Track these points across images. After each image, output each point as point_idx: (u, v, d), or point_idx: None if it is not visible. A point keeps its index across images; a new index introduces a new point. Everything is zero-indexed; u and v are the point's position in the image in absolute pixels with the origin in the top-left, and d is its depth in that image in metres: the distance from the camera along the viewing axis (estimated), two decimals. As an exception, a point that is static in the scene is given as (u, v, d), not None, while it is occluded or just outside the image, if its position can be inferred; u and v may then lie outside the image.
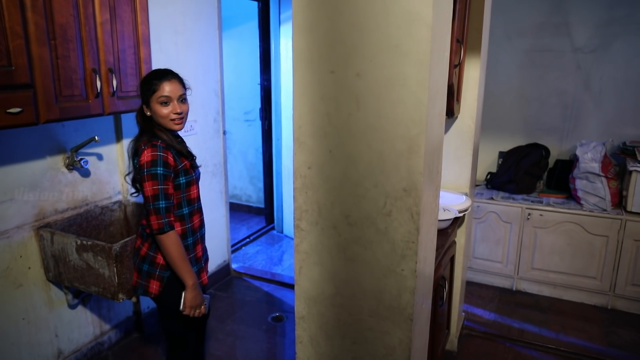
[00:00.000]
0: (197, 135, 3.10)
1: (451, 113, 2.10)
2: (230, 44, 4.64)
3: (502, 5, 3.49)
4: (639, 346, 2.82)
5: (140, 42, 2.23)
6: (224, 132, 3.38)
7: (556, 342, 2.84)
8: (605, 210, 3.15)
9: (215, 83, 3.23)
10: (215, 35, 3.17)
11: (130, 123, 2.57)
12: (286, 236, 4.40)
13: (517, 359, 2.69)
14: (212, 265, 3.44)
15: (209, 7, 3.08)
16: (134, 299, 2.07)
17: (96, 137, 2.23)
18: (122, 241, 1.97)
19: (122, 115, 2.51)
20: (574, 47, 3.46)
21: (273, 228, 4.61)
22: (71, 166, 2.28)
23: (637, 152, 3.09)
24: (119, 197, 2.57)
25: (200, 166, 1.93)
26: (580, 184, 3.24)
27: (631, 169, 3.05)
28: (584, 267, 3.23)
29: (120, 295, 1.98)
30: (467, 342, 2.84)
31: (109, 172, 2.52)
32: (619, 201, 3.23)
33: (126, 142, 2.57)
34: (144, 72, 2.26)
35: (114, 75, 2.08)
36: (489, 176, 3.63)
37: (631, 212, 3.09)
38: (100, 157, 2.46)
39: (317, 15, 1.27)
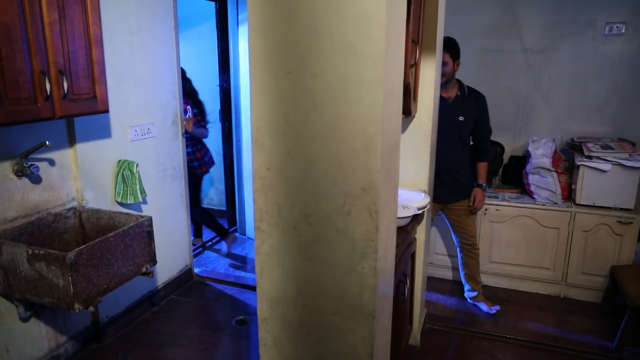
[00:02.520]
0: (155, 138, 3.03)
1: (408, 112, 2.14)
2: (188, 45, 4.56)
3: (457, 7, 3.58)
4: (589, 331, 2.96)
5: (92, 43, 2.16)
6: (183, 135, 3.32)
7: (514, 332, 2.95)
8: (556, 203, 3.29)
9: (173, 85, 3.17)
10: (172, 36, 3.11)
11: (84, 126, 2.49)
12: (249, 238, 4.37)
13: (478, 349, 2.77)
14: (173, 270, 3.38)
15: (165, 7, 3.02)
16: (91, 309, 2.00)
17: (47, 142, 2.15)
18: (78, 249, 1.90)
19: (75, 119, 2.43)
20: (525, 47, 3.60)
21: (236, 230, 4.57)
22: (20, 172, 2.18)
23: (584, 148, 3.24)
24: (74, 204, 2.49)
25: None
26: (533, 179, 3.37)
27: (579, 163, 3.20)
28: (538, 258, 3.36)
29: (77, 305, 1.91)
30: (430, 336, 2.90)
31: (62, 178, 2.43)
32: (569, 194, 3.38)
33: (80, 147, 2.49)
34: (97, 74, 2.19)
35: (64, 77, 2.01)
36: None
37: (580, 205, 3.24)
38: (52, 162, 2.37)
39: (273, 16, 1.27)
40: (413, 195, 2.43)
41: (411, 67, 2.04)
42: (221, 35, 4.16)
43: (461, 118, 2.84)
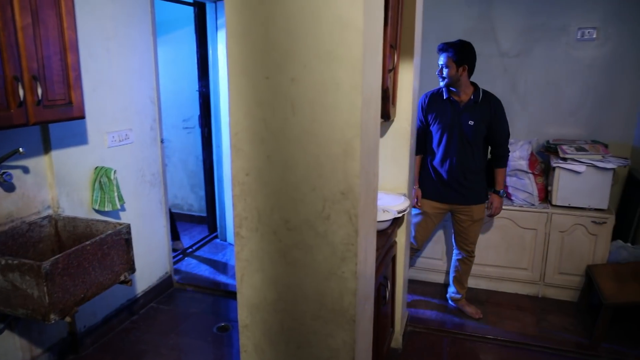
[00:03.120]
0: (132, 144, 2.99)
1: (387, 116, 2.16)
2: (167, 49, 4.52)
3: (434, 12, 3.63)
4: (567, 330, 3.02)
5: (67, 47, 2.12)
6: (162, 141, 3.29)
7: (494, 332, 2.98)
8: (533, 204, 3.35)
9: (151, 90, 3.14)
10: (150, 40, 3.08)
11: (59, 133, 2.45)
12: (230, 244, 4.34)
13: (459, 351, 2.80)
14: (153, 278, 3.33)
15: (142, 12, 2.99)
16: (67, 319, 1.96)
17: (20, 149, 2.10)
18: (53, 258, 1.86)
19: (51, 125, 2.38)
20: (501, 51, 3.66)
21: (216, 237, 4.53)
22: (-7, 180, 2.12)
23: (559, 150, 3.31)
24: (49, 212, 2.43)
25: None
26: (510, 181, 3.42)
27: (554, 165, 3.27)
28: (517, 259, 3.42)
29: (52, 316, 1.87)
30: (412, 339, 2.92)
31: (37, 186, 2.38)
32: (545, 196, 3.44)
33: (55, 154, 2.44)
34: (72, 79, 2.15)
35: (38, 82, 1.97)
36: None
37: (556, 206, 3.31)
38: (26, 170, 2.32)
39: (250, 21, 1.27)
40: (393, 199, 2.45)
41: (389, 72, 2.06)
42: (200, 40, 4.13)
43: (471, 122, 2.79)
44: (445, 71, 2.74)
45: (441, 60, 2.75)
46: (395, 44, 2.14)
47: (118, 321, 2.97)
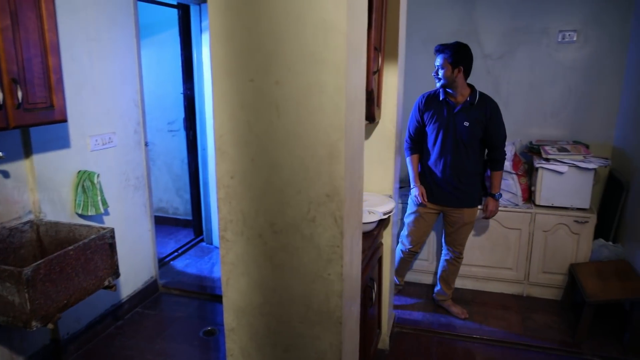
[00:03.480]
0: (116, 148, 2.95)
1: (372, 118, 2.17)
2: (150, 52, 4.49)
3: (418, 15, 3.66)
4: (551, 328, 3.06)
5: (48, 50, 2.09)
6: (146, 144, 3.26)
7: (480, 332, 3.01)
8: (517, 205, 3.39)
9: (135, 93, 3.11)
10: (133, 43, 3.05)
11: (41, 136, 2.41)
12: (216, 247, 4.31)
13: (446, 350, 2.82)
14: (138, 282, 3.30)
15: (125, 14, 2.96)
16: (50, 326, 1.92)
17: (0, 153, 2.06)
18: (35, 264, 1.83)
19: (32, 129, 2.35)
20: (484, 53, 3.70)
21: (202, 240, 4.50)
22: (-28, 185, 2.08)
23: (542, 151, 3.35)
24: (30, 217, 2.39)
25: None
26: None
27: (537, 165, 3.31)
28: (501, 259, 3.45)
29: (34, 323, 1.84)
30: (399, 340, 2.93)
31: (18, 191, 2.33)
32: (529, 196, 3.48)
33: (37, 157, 2.40)
34: (54, 82, 2.12)
35: (18, 86, 1.94)
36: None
37: (539, 206, 3.35)
38: (6, 174, 2.27)
39: (234, 24, 1.26)
40: (379, 200, 2.46)
41: (374, 74, 2.07)
42: (184, 43, 4.11)
43: (466, 124, 2.79)
44: (441, 72, 2.75)
45: (437, 61, 2.77)
46: (380, 46, 2.15)
47: (102, 327, 2.93)
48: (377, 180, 2.61)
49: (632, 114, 3.28)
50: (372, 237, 2.14)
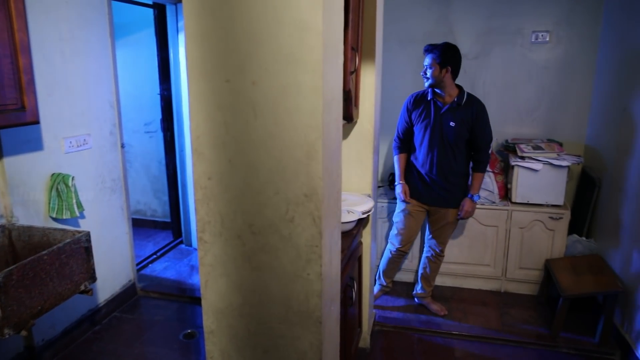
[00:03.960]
0: (91, 150, 2.90)
1: (350, 118, 2.18)
2: (126, 52, 4.42)
3: (395, 15, 3.69)
4: (528, 322, 3.12)
5: (18, 50, 2.04)
6: (123, 145, 3.21)
7: (459, 328, 3.05)
8: (494, 202, 3.45)
9: (110, 94, 3.06)
10: (107, 43, 3.00)
11: (12, 139, 2.35)
12: (195, 249, 4.27)
13: (426, 347, 2.84)
14: (116, 286, 3.24)
15: (98, 13, 2.91)
16: (23, 333, 1.88)
17: (-31, 156, 2.01)
18: (7, 270, 1.78)
19: (2, 131, 2.29)
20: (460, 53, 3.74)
21: (181, 242, 4.45)
22: (-60, 190, 2.02)
23: (517, 149, 3.41)
24: (2, 222, 2.33)
25: None
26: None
27: (513, 163, 3.37)
28: (480, 256, 3.50)
29: (6, 331, 1.79)
30: (379, 338, 2.95)
31: (-12, 194, 2.27)
32: (505, 193, 3.54)
33: (8, 160, 2.34)
34: (24, 83, 2.07)
35: (-13, 87, 1.89)
36: (391, 177, 3.81)
37: (515, 203, 3.42)
38: (-24, 178, 2.21)
39: (210, 24, 1.26)
40: (357, 199, 2.47)
41: (351, 74, 2.08)
42: (160, 43, 4.06)
43: (452, 124, 2.81)
44: (429, 72, 2.78)
45: (426, 61, 2.80)
46: (357, 46, 2.16)
47: (79, 332, 2.88)
48: (355, 180, 2.62)
49: (602, 112, 3.37)
50: (351, 236, 2.15)
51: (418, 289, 3.31)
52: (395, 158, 3.10)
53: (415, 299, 3.35)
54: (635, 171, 2.73)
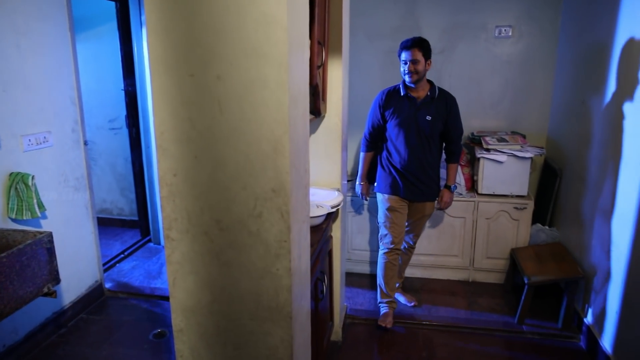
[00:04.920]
0: (52, 148, 2.81)
1: (318, 112, 2.18)
2: (87, 47, 4.29)
3: (361, 10, 3.70)
4: (495, 310, 3.20)
5: (-29, 45, 1.95)
6: (86, 143, 3.12)
7: (429, 318, 3.11)
8: (461, 194, 3.51)
9: (71, 89, 2.96)
10: (67, 36, 2.90)
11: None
12: (164, 248, 4.20)
13: (397, 338, 2.89)
14: (82, 287, 3.16)
15: (57, 6, 2.80)
16: (-17, 338, 1.81)
17: None
18: (-37, 273, 1.71)
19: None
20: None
21: (150, 240, 4.37)
22: None
23: (483, 141, 3.49)
24: (-43, 223, 2.24)
25: None
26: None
27: (479, 156, 3.44)
28: (448, 247, 3.57)
29: (-35, 336, 1.72)
30: (351, 331, 2.98)
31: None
32: (472, 185, 3.62)
33: (-38, 160, 2.24)
34: (-22, 79, 1.98)
35: (-63, 83, 1.80)
36: (361, 171, 3.83)
37: (482, 194, 3.49)
38: None
39: (172, 17, 1.23)
40: (327, 194, 2.47)
41: (318, 68, 2.07)
42: (123, 37, 3.95)
43: (428, 117, 2.80)
44: (418, 67, 2.71)
45: (409, 56, 2.70)
46: (324, 40, 2.16)
47: (44, 336, 2.79)
48: (324, 175, 2.63)
49: (562, 105, 3.48)
50: (321, 230, 2.15)
51: None
52: (362, 155, 3.06)
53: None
54: (594, 161, 2.83)
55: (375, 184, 3.06)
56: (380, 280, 3.08)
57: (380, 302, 3.10)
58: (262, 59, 1.20)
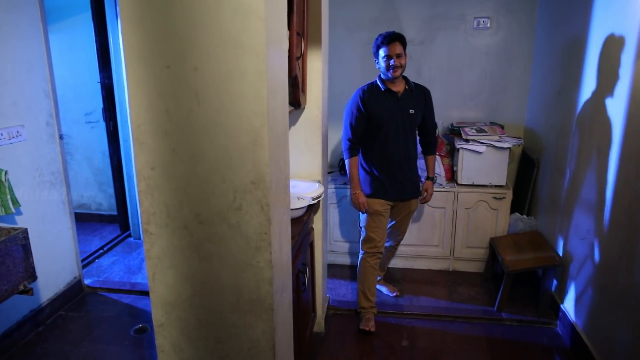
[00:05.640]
0: (26, 142, 2.74)
1: (298, 104, 2.16)
2: (61, 38, 4.18)
3: (340, 1, 3.69)
4: (474, 299, 3.26)
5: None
6: (61, 137, 3.05)
7: (410, 308, 3.14)
8: (441, 184, 3.55)
9: (44, 82, 2.89)
10: (39, 27, 2.82)
11: None
12: (143, 242, 4.15)
13: (379, 328, 2.91)
14: (60, 283, 3.11)
15: (27, -4, 2.73)
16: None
17: None
18: None
19: None
20: (406, 39, 3.79)
21: (129, 235, 4.31)
22: None
23: (462, 132, 3.52)
24: None
25: None
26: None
27: (458, 146, 3.48)
28: (429, 237, 3.61)
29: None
30: (334, 322, 2.99)
31: None
32: (452, 176, 3.66)
33: None
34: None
35: None
36: (341, 162, 3.84)
37: (461, 185, 3.53)
38: None
39: (147, 7, 1.21)
40: (308, 186, 2.47)
41: (297, 60, 2.06)
42: (99, 28, 3.86)
43: (412, 111, 2.70)
44: (402, 61, 2.62)
45: (393, 50, 2.59)
46: (303, 31, 2.14)
47: (20, 335, 2.74)
48: (305, 166, 2.62)
49: (539, 96, 3.53)
50: (302, 222, 2.15)
51: None
52: (349, 162, 2.76)
53: None
54: (569, 151, 2.89)
55: None
56: (362, 285, 2.95)
57: (361, 309, 2.95)
58: (240, 49, 1.19)
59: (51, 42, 2.95)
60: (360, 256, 2.95)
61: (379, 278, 3.31)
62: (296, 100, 2.11)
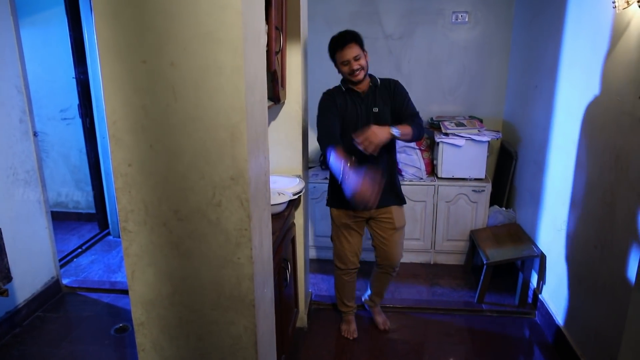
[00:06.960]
0: (-2, 140, 2.67)
1: (277, 99, 2.15)
2: (34, 32, 4.07)
3: (320, -5, 3.68)
4: (455, 291, 3.30)
5: None
6: (35, 134, 2.98)
7: (392, 301, 3.17)
8: (421, 178, 3.58)
9: (17, 77, 2.81)
10: (9, 21, 2.74)
11: None
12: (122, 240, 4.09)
13: (362, 322, 2.93)
14: (37, 284, 3.04)
15: (-3, -11, 2.65)
16: None
17: None
18: None
19: None
20: (385, 34, 3.81)
21: (109, 234, 4.25)
22: None
23: (441, 126, 3.55)
24: None
25: None
26: (400, 157, 3.61)
27: (438, 140, 3.51)
28: (410, 230, 3.64)
29: None
30: (316, 316, 3.00)
31: None
32: (432, 169, 3.69)
33: None
34: None
35: None
36: (322, 157, 3.84)
37: (441, 178, 3.57)
38: None
39: (121, 1, 1.18)
40: (288, 181, 2.46)
41: (276, 54, 2.05)
42: (73, 22, 3.78)
43: (375, 109, 2.43)
44: (361, 62, 2.35)
45: (348, 55, 2.33)
46: (281, 26, 2.13)
47: (-3, 336, 2.68)
48: (285, 162, 2.61)
49: (517, 90, 3.58)
50: (282, 218, 2.15)
51: (368, 296, 2.96)
52: (335, 155, 2.25)
53: (366, 306, 3.01)
54: (546, 145, 2.94)
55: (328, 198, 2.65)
56: (338, 294, 2.82)
57: (341, 311, 2.86)
58: (217, 44, 1.17)
59: (23, 37, 2.87)
60: (335, 269, 2.78)
61: (374, 303, 2.95)
62: (275, 95, 2.10)
